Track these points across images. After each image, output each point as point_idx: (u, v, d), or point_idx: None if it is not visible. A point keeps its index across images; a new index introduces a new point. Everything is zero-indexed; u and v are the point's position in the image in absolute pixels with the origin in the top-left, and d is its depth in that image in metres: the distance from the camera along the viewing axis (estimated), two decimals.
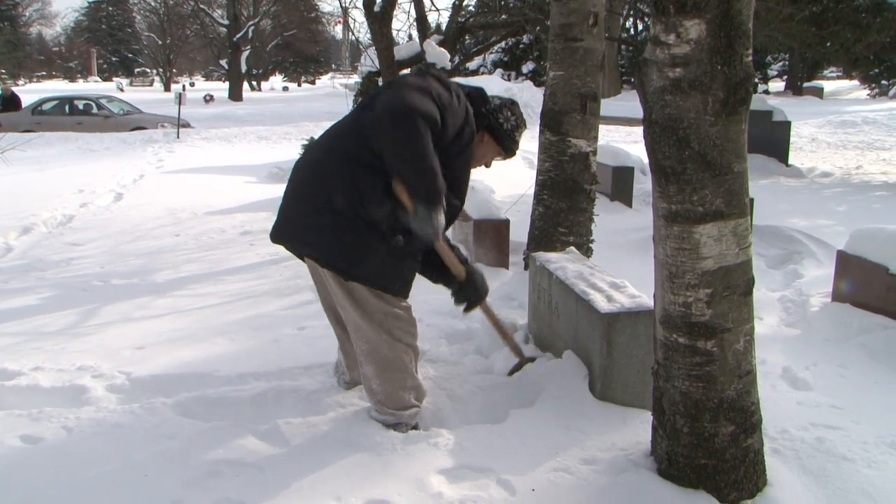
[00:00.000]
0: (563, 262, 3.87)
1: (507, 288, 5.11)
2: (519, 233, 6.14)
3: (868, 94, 32.28)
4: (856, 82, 35.40)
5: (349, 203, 2.82)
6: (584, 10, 4.87)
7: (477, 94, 3.21)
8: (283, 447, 2.95)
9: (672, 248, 2.51)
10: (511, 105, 3.29)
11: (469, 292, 3.28)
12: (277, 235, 3.10)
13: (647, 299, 3.25)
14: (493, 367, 3.79)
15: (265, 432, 3.07)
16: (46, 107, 20.70)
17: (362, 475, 2.73)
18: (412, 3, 10.01)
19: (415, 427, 3.11)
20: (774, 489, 2.66)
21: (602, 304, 3.26)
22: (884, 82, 29.13)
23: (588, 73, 4.92)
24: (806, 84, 35.20)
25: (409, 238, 2.89)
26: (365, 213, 2.82)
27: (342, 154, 2.90)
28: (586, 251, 5.10)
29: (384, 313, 2.98)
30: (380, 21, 7.71)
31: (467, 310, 3.36)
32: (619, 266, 4.65)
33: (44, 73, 65.49)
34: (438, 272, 3.28)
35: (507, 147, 3.28)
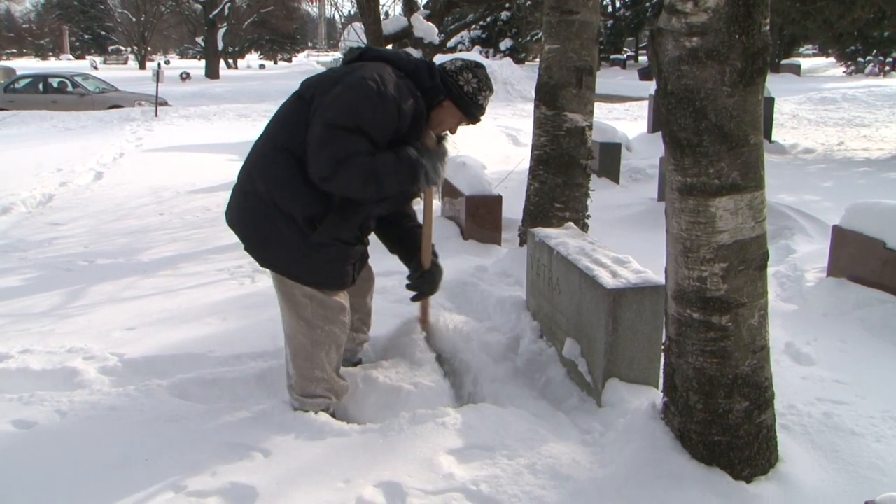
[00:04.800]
0: (563, 238, 3.81)
1: (502, 264, 5.04)
2: (508, 209, 6.08)
3: (844, 72, 32.42)
4: (832, 59, 35.49)
5: (267, 189, 2.84)
6: None
7: (427, 67, 3.01)
8: (285, 429, 2.88)
9: (687, 222, 2.45)
10: (474, 67, 3.06)
11: (426, 282, 3.33)
12: (227, 219, 3.12)
13: (652, 275, 3.21)
14: (493, 346, 3.73)
15: (266, 414, 3.01)
16: (19, 85, 20.26)
17: (370, 456, 2.67)
18: None
19: (332, 415, 3.03)
20: (786, 465, 2.64)
21: (607, 280, 3.20)
22: (860, 59, 29.20)
23: (584, 47, 4.85)
24: (783, 61, 35.28)
25: (331, 236, 2.86)
26: (282, 202, 2.81)
27: (272, 142, 2.90)
28: (582, 226, 5.06)
29: (308, 297, 2.93)
30: None
31: (416, 299, 3.43)
32: (615, 241, 4.59)
33: (14, 50, 64.16)
34: (400, 246, 3.33)
35: (470, 112, 3.06)
